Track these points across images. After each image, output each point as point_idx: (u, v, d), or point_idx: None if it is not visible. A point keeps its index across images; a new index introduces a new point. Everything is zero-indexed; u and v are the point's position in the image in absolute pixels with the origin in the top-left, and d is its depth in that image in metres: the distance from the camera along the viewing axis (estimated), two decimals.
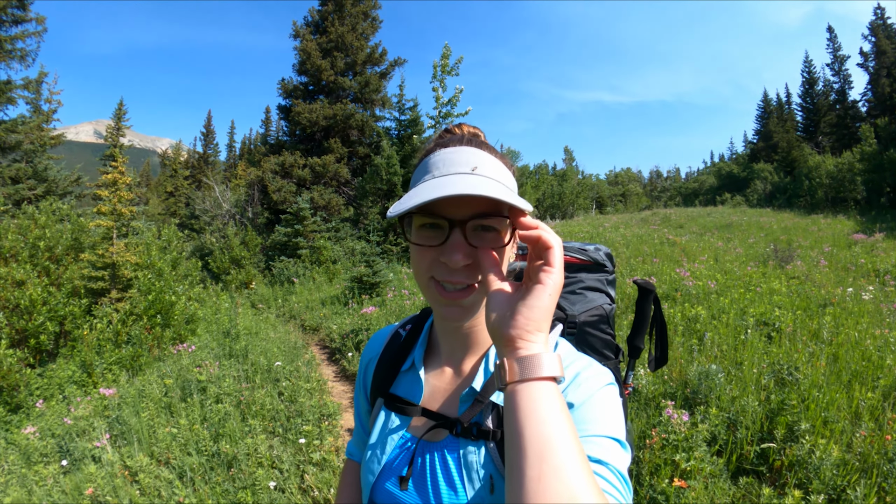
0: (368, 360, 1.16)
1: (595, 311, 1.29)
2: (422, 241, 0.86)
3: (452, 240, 0.82)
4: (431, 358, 1.04)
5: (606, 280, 1.35)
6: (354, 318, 9.08)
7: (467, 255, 0.82)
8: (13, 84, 15.46)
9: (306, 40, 22.85)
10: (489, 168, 0.86)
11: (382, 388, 1.05)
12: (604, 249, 1.40)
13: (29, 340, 7.40)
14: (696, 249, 13.24)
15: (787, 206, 31.10)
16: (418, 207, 0.81)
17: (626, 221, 24.80)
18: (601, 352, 1.29)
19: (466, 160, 0.86)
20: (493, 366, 0.90)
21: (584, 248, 1.38)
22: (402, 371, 1.05)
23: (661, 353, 1.54)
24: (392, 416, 1.01)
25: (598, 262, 1.36)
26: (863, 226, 18.71)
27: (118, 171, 9.70)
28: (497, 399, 0.88)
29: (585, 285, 1.32)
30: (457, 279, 0.85)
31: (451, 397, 0.96)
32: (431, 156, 0.90)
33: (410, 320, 1.14)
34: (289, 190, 21.46)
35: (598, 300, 1.31)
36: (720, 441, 3.55)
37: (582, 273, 1.35)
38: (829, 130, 40.52)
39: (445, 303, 0.87)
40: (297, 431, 4.58)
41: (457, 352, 0.99)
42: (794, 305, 6.82)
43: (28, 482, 4.11)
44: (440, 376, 1.00)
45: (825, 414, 3.65)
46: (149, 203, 44.93)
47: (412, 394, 1.00)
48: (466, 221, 0.81)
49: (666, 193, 67.68)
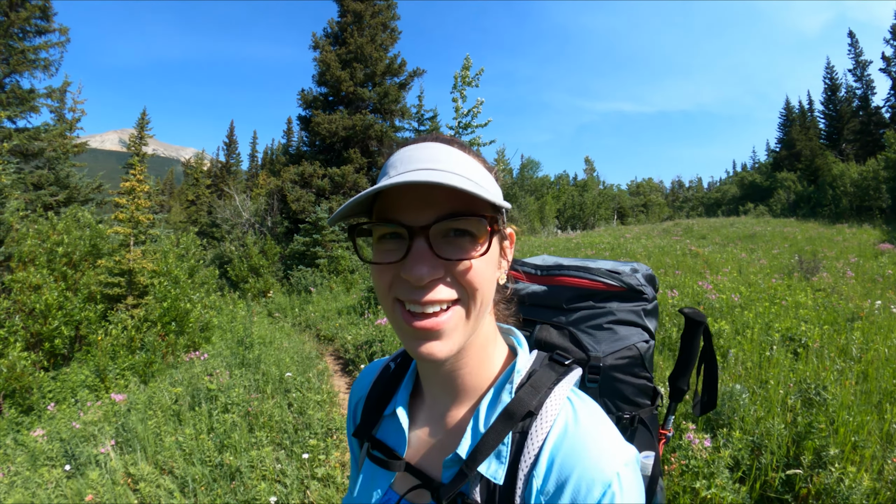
0: (357, 399, 1.00)
1: (626, 352, 1.04)
2: (380, 259, 0.72)
3: (414, 250, 0.68)
4: (417, 402, 0.89)
5: (644, 310, 1.09)
6: (369, 329, 8.99)
7: (435, 267, 0.68)
8: (36, 93, 15.80)
9: (326, 51, 23.01)
10: (458, 164, 0.72)
11: (366, 432, 0.90)
12: (643, 270, 1.13)
13: (44, 344, 7.47)
14: (719, 261, 12.95)
15: (812, 215, 30.49)
16: (354, 210, 0.69)
17: (647, 232, 24.49)
18: (634, 400, 1.06)
19: (429, 156, 0.72)
20: (483, 425, 0.75)
21: (615, 269, 1.11)
22: (385, 415, 0.90)
23: (709, 396, 1.25)
24: (376, 467, 0.87)
25: (633, 287, 1.08)
26: (889, 235, 18.21)
27: (136, 179, 9.79)
28: (486, 471, 0.72)
29: (616, 318, 1.06)
30: (423, 297, 0.68)
31: (435, 455, 0.81)
32: (391, 156, 0.76)
33: (402, 352, 0.97)
34: (308, 199, 21.55)
35: (631, 337, 1.06)
36: (743, 467, 3.37)
37: (612, 302, 1.08)
38: (853, 137, 39.73)
39: (414, 333, 0.70)
40: (304, 445, 4.49)
41: (443, 398, 0.83)
42: (820, 319, 6.56)
43: (32, 485, 4.09)
44: (426, 426, 0.85)
45: (855, 438, 3.44)
46: (171, 211, 45.67)
47: (397, 443, 0.85)
48: (430, 226, 0.67)
49: (688, 204, 66.98)
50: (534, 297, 1.12)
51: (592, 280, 1.08)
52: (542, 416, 0.73)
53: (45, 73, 16.03)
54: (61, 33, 16.27)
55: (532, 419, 0.73)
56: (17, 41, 15.40)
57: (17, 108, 15.37)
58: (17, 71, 15.48)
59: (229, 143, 56.55)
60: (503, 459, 0.72)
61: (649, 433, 1.08)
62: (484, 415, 0.76)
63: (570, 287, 1.09)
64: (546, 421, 0.72)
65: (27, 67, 15.56)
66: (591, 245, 18.66)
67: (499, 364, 0.82)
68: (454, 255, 0.69)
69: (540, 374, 0.78)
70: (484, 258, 0.71)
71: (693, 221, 31.31)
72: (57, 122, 17.43)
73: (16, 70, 15.43)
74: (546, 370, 0.79)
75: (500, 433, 0.73)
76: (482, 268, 0.71)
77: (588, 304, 1.07)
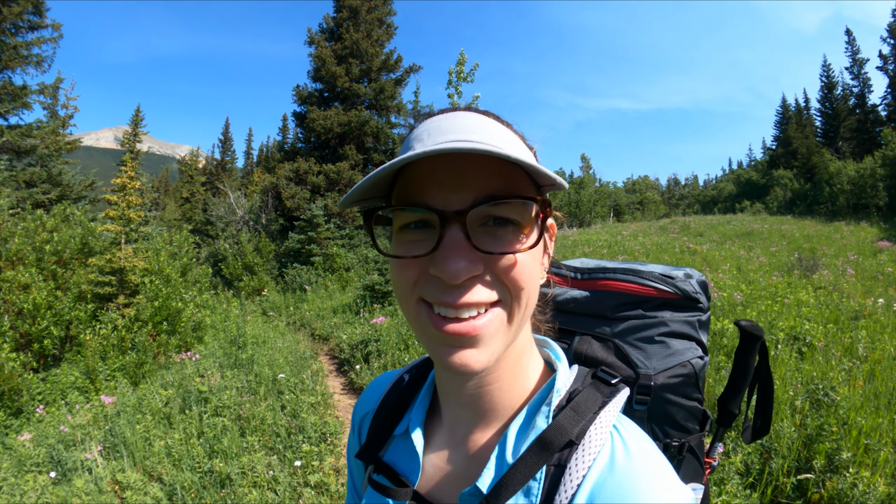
0: (364, 413, 0.87)
1: (680, 370, 0.89)
2: (403, 251, 0.58)
3: (447, 241, 0.55)
4: (434, 421, 0.75)
5: (699, 322, 0.94)
6: (365, 328, 8.87)
7: (473, 261, 0.55)
8: (28, 89, 15.66)
9: (321, 47, 22.85)
10: (496, 136, 0.58)
11: (372, 452, 0.76)
12: (696, 276, 0.97)
13: (33, 345, 7.32)
14: (717, 258, 12.87)
15: (808, 213, 30.50)
16: (365, 190, 0.56)
17: (644, 229, 24.40)
18: (683, 425, 0.91)
19: (463, 126, 0.58)
20: (512, 454, 0.62)
21: (668, 273, 0.96)
22: (395, 435, 0.77)
23: (763, 420, 1.09)
24: (377, 495, 0.73)
25: (689, 294, 0.93)
26: (887, 233, 18.17)
27: (128, 175, 9.62)
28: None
29: (669, 330, 0.91)
30: (458, 299, 0.55)
31: (451, 485, 0.68)
32: (416, 128, 0.63)
33: (418, 364, 0.85)
34: (303, 197, 21.40)
35: (685, 352, 0.91)
36: (754, 472, 3.25)
37: (665, 311, 0.92)
38: (850, 135, 39.74)
39: (444, 340, 0.57)
40: (297, 450, 4.36)
41: (464, 419, 0.69)
42: (823, 318, 6.47)
43: (17, 491, 3.95)
44: (441, 451, 0.72)
45: (867, 441, 3.33)
46: (166, 209, 45.42)
47: (408, 468, 0.72)
48: (466, 211, 0.54)
49: (684, 201, 67.02)
50: (573, 304, 0.97)
51: (643, 285, 0.93)
52: (585, 448, 0.59)
53: (37, 69, 15.97)
54: (54, 29, 16.15)
55: (572, 450, 0.60)
56: (9, 37, 15.27)
57: (8, 104, 15.26)
58: (9, 67, 15.36)
59: (224, 141, 56.19)
60: (534, 497, 0.59)
61: (698, 462, 0.94)
62: (513, 442, 0.63)
63: (617, 293, 0.94)
64: (590, 454, 0.59)
65: (19, 63, 15.43)
66: (589, 242, 18.56)
67: (533, 381, 0.70)
68: (497, 247, 0.56)
69: (583, 395, 0.65)
70: (531, 252, 0.59)
71: (690, 219, 31.25)
72: (50, 119, 17.28)
73: (8, 66, 15.31)
74: (590, 390, 0.66)
75: (532, 465, 0.59)
76: (528, 263, 0.58)
77: (637, 313, 0.92)
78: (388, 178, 0.57)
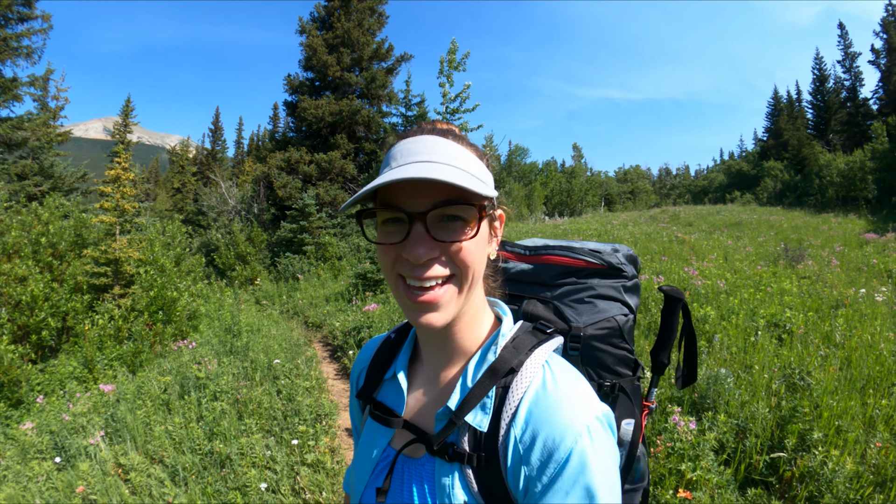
0: (360, 370, 1.09)
1: (605, 324, 1.10)
2: (384, 240, 0.81)
3: (413, 233, 0.77)
4: (415, 366, 0.98)
5: (624, 287, 1.17)
6: (357, 316, 8.99)
7: (431, 248, 0.77)
8: (19, 81, 15.51)
9: (312, 36, 22.72)
10: (451, 155, 0.80)
11: (367, 394, 0.99)
12: (624, 251, 1.22)
13: (31, 336, 7.38)
14: (705, 248, 13.05)
15: (798, 204, 30.78)
16: (362, 198, 0.77)
17: (634, 219, 24.57)
18: (614, 369, 1.12)
19: (426, 148, 0.80)
20: (471, 381, 0.84)
21: (597, 249, 1.20)
22: (385, 379, 1.00)
23: (689, 370, 1.35)
24: (377, 426, 0.96)
25: (612, 265, 1.16)
26: (874, 225, 18.44)
27: (121, 167, 9.65)
28: (472, 420, 0.81)
29: (596, 293, 1.14)
30: (423, 273, 0.78)
31: (429, 411, 0.89)
32: (392, 148, 0.84)
33: (402, 325, 1.07)
34: (294, 186, 21.36)
35: (610, 310, 1.12)
36: (728, 450, 3.43)
37: (594, 279, 1.16)
38: (840, 128, 40.00)
39: (414, 306, 0.80)
40: (293, 431, 4.50)
41: (437, 361, 0.91)
42: (805, 306, 6.65)
43: (22, 478, 4.06)
44: (422, 386, 0.93)
45: (839, 422, 3.51)
46: (157, 199, 45.17)
47: (396, 403, 0.94)
48: (427, 212, 0.76)
49: (675, 191, 67.35)
50: (522, 275, 1.22)
51: (575, 258, 1.18)
52: (522, 373, 0.81)
53: (27, 60, 15.81)
54: (44, 20, 15.97)
55: (513, 376, 0.81)
56: None
57: None
58: None
59: (215, 130, 55.82)
60: (487, 410, 0.81)
61: (630, 402, 1.15)
62: (472, 372, 0.85)
63: (555, 265, 1.19)
64: (525, 377, 0.80)
65: (9, 55, 15.29)
66: (579, 231, 18.73)
67: (486, 330, 0.91)
68: (448, 237, 0.78)
69: (522, 338, 0.87)
70: (474, 240, 0.80)
71: (680, 209, 31.48)
72: (40, 111, 17.19)
73: None
74: (528, 335, 0.88)
75: (484, 387, 0.82)
76: (473, 248, 0.80)
77: (571, 280, 1.17)
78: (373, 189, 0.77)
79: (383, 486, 0.87)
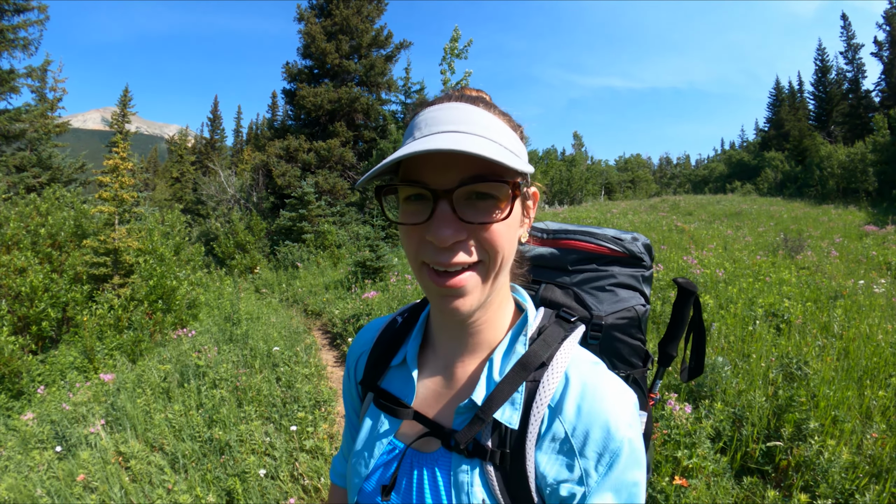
0: (359, 353, 1.02)
1: (626, 313, 1.08)
2: (405, 219, 0.74)
3: (438, 213, 0.70)
4: (426, 354, 0.91)
5: (642, 276, 1.14)
6: (356, 303, 9.01)
7: (458, 230, 0.70)
8: (16, 73, 15.49)
9: (311, 23, 22.58)
10: (482, 125, 0.72)
11: (371, 381, 0.93)
12: (642, 240, 1.17)
13: (31, 327, 7.40)
14: (704, 237, 13.06)
15: (798, 195, 30.70)
16: (381, 171, 0.70)
17: (634, 208, 24.54)
18: (628, 360, 1.10)
19: (454, 117, 0.72)
20: (499, 374, 0.79)
21: (619, 236, 1.15)
22: (392, 365, 0.93)
23: (696, 363, 1.31)
24: (381, 416, 0.89)
25: (634, 254, 1.13)
26: (874, 217, 18.43)
27: (120, 156, 9.62)
28: (501, 417, 0.76)
29: (617, 281, 1.11)
30: (448, 260, 0.71)
31: (447, 404, 0.84)
32: (416, 117, 0.77)
33: (408, 308, 1.01)
34: (293, 174, 21.32)
35: (630, 300, 1.10)
36: (724, 438, 3.44)
37: (614, 266, 1.12)
38: (842, 120, 39.74)
39: (440, 292, 0.74)
40: (292, 418, 4.53)
41: (455, 350, 0.85)
42: (804, 297, 6.67)
43: (24, 468, 4.09)
44: (435, 377, 0.87)
45: (835, 412, 3.53)
46: (156, 189, 45.06)
47: (404, 393, 0.88)
48: (453, 190, 0.69)
49: (675, 180, 67.20)
50: (539, 259, 1.16)
51: (597, 244, 1.13)
52: (553, 368, 0.77)
53: (24, 52, 15.77)
54: (40, 11, 15.90)
55: (543, 370, 0.78)
56: None
57: None
58: None
59: (213, 119, 55.52)
60: (517, 406, 0.76)
61: (642, 393, 1.13)
62: (499, 364, 0.81)
63: (576, 250, 1.14)
64: (557, 372, 0.77)
65: (6, 47, 15.24)
66: (578, 220, 18.71)
67: (508, 319, 0.87)
68: (477, 218, 0.71)
69: (550, 329, 0.83)
70: (506, 221, 0.73)
71: (680, 198, 31.42)
72: (38, 103, 17.15)
73: None
74: (555, 326, 0.84)
75: (514, 382, 0.77)
76: (504, 230, 0.73)
77: (591, 267, 1.12)
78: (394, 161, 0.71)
79: (389, 483, 0.81)
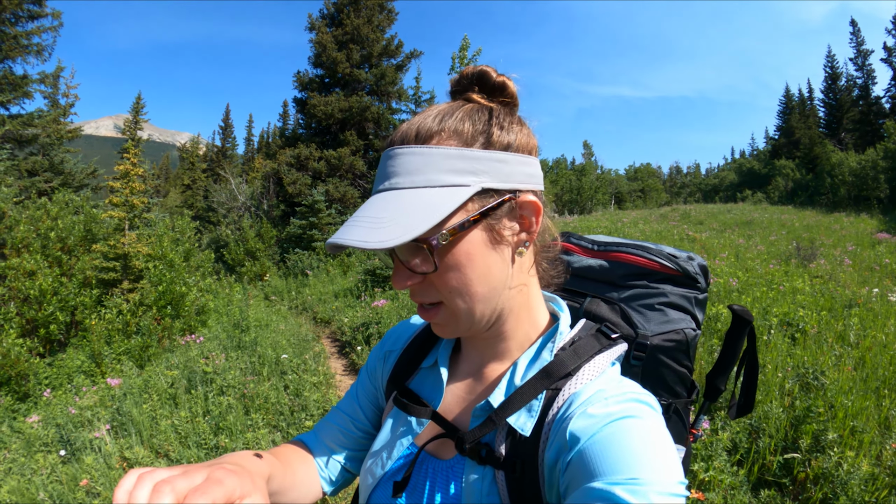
0: (389, 351, 1.01)
1: (674, 335, 0.98)
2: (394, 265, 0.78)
3: (395, 263, 0.75)
4: (457, 357, 0.91)
5: (696, 299, 1.05)
6: (366, 311, 8.97)
7: (408, 277, 0.74)
8: (29, 78, 15.71)
9: (322, 33, 22.74)
10: (408, 180, 0.70)
11: (399, 381, 0.93)
12: (698, 260, 1.08)
13: (39, 330, 7.42)
14: (716, 246, 12.93)
15: (809, 203, 30.42)
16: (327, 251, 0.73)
17: (645, 217, 24.38)
18: (672, 387, 1.01)
19: (383, 174, 0.73)
20: (520, 379, 0.78)
21: (674, 254, 1.07)
22: (422, 367, 0.94)
23: (747, 399, 1.19)
24: (402, 416, 0.89)
25: (689, 273, 1.04)
26: (887, 225, 18.20)
27: (131, 162, 9.69)
28: (514, 422, 0.73)
29: (668, 301, 1.02)
30: (414, 298, 0.77)
31: (467, 408, 0.84)
32: None
33: None
34: (304, 182, 21.40)
35: (680, 322, 1.00)
36: (741, 450, 3.36)
37: (667, 285, 1.04)
38: (852, 127, 39.41)
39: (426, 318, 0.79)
40: (300, 426, 4.48)
41: (481, 354, 0.86)
42: (818, 305, 6.55)
43: (27, 471, 4.07)
44: (462, 381, 0.87)
45: (854, 423, 3.43)
46: (167, 196, 45.43)
47: (430, 395, 0.88)
48: (391, 251, 0.75)
49: (685, 189, 66.88)
50: (587, 271, 1.10)
51: (650, 259, 1.05)
52: (578, 378, 0.75)
53: (37, 58, 16.00)
54: (54, 17, 16.14)
55: (567, 380, 0.75)
56: (9, 26, 15.27)
57: (9, 94, 15.30)
58: (9, 57, 15.38)
59: (225, 127, 56.06)
60: (533, 413, 0.74)
61: (683, 426, 1.04)
62: (522, 370, 0.79)
63: (626, 263, 1.07)
64: (581, 381, 0.74)
65: (20, 53, 15.46)
66: (589, 229, 18.61)
67: (541, 327, 0.85)
68: (418, 268, 0.72)
69: (584, 341, 0.80)
70: (459, 261, 0.71)
71: (690, 207, 31.22)
72: (50, 108, 17.34)
73: (8, 56, 15.33)
74: (591, 339, 0.81)
75: (534, 389, 0.75)
76: (455, 272, 0.72)
77: (642, 283, 1.04)
78: None
79: (402, 483, 0.81)
